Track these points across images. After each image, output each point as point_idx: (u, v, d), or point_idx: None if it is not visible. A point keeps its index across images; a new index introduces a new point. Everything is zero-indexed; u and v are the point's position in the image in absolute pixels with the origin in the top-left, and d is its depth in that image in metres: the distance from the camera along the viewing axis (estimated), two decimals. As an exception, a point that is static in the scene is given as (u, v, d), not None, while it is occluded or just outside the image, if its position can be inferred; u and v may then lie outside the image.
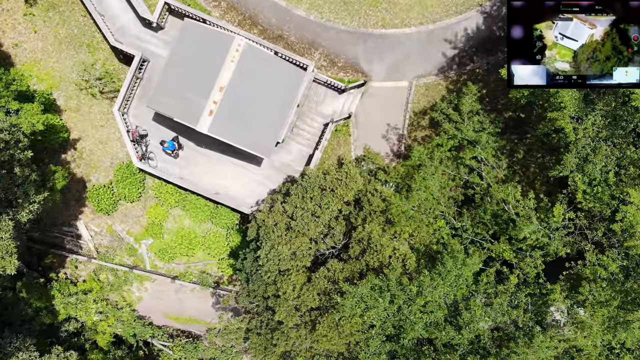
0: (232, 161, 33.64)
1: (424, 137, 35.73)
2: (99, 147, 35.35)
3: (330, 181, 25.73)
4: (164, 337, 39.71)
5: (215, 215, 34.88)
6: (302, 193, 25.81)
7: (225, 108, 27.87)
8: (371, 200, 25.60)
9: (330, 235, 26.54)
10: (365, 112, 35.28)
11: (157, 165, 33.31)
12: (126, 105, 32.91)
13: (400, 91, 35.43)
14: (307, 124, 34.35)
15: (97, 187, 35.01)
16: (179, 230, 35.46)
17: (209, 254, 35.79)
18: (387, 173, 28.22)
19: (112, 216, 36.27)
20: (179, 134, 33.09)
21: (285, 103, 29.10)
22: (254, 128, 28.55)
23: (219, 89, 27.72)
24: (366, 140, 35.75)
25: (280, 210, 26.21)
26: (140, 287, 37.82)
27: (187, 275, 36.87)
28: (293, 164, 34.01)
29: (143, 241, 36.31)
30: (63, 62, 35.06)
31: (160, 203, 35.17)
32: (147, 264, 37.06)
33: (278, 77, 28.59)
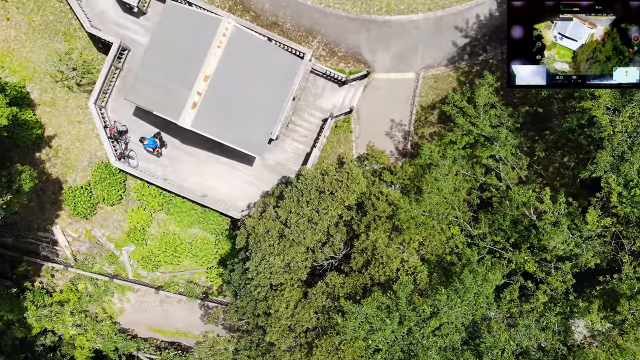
0: (220, 160, 30.51)
1: (433, 134, 32.62)
2: (75, 144, 32.26)
3: (330, 183, 22.54)
4: (151, 349, 36.59)
5: (202, 219, 31.76)
6: (297, 196, 22.62)
7: (211, 100, 24.72)
8: (376, 204, 22.38)
9: (329, 244, 23.39)
10: (368, 107, 32.20)
11: (138, 164, 30.22)
12: (104, 98, 29.83)
13: (407, 83, 32.38)
14: (304, 120, 31.24)
15: (73, 189, 31.90)
16: (163, 236, 32.34)
17: (197, 262, 32.66)
18: (394, 173, 24.92)
19: (91, 220, 33.16)
20: (162, 130, 29.99)
21: (280, 95, 25.96)
22: (244, 123, 25.41)
23: (203, 78, 24.57)
24: (369, 137, 32.63)
25: (272, 216, 23.03)
26: (122, 298, 34.65)
27: (173, 285, 33.72)
28: (288, 164, 30.88)
29: (125, 248, 33.18)
30: (37, 52, 32.01)
31: (143, 206, 32.07)
32: (129, 272, 33.92)
33: (271, 65, 25.45)
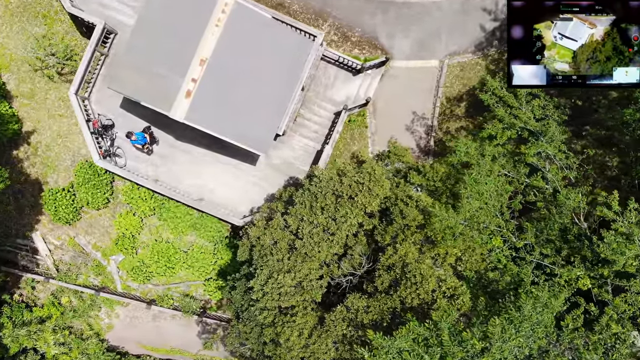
0: (219, 159, 26.88)
1: (459, 129, 28.97)
2: (57, 141, 28.67)
3: (349, 185, 18.90)
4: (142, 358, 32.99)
5: (199, 226, 28.15)
6: (310, 201, 18.98)
7: (208, 88, 21.10)
8: (405, 211, 18.70)
9: (347, 258, 19.78)
10: (385, 99, 28.60)
11: (125, 164, 26.60)
12: (87, 88, 26.21)
13: (429, 72, 28.75)
14: (314, 113, 27.61)
15: (54, 191, 28.30)
16: (155, 244, 28.74)
17: (193, 273, 29.05)
18: (422, 174, 21.22)
19: (75, 226, 29.56)
20: (153, 125, 26.36)
21: (288, 83, 22.32)
22: (246, 115, 21.77)
23: (199, 63, 20.93)
24: (386, 133, 29.02)
25: (280, 225, 19.40)
26: (110, 313, 31.06)
27: (167, 300, 30.13)
28: (297, 163, 27.23)
29: (112, 257, 29.59)
30: (14, 38, 28.42)
31: (133, 211, 28.46)
32: (118, 285, 30.34)
33: (278, 48, 21.80)
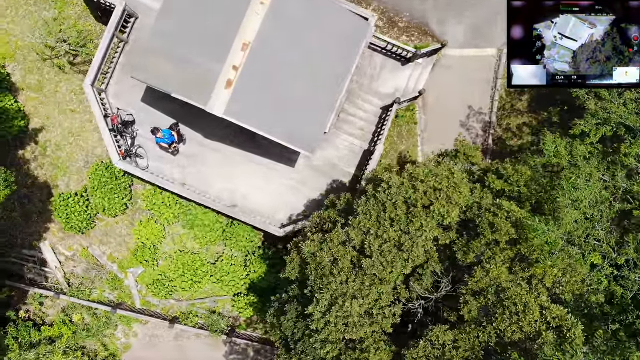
0: (254, 159, 23.76)
1: (521, 126, 25.86)
2: (68, 140, 25.55)
3: (424, 192, 15.79)
4: None
5: (229, 235, 25.03)
6: (377, 211, 15.87)
7: (251, 77, 17.98)
8: (497, 224, 15.54)
9: (418, 278, 16.63)
10: (437, 91, 25.52)
11: (148, 165, 23.48)
12: (104, 80, 23.09)
13: (486, 62, 25.65)
14: (359, 107, 24.48)
15: (65, 197, 25.18)
16: (179, 255, 25.63)
17: (222, 288, 25.95)
18: (505, 179, 17.96)
19: (88, 235, 26.45)
20: (180, 121, 23.24)
21: (339, 71, 19.21)
22: (294, 110, 18.65)
23: (241, 47, 17.81)
24: (438, 130, 25.94)
25: (340, 239, 16.31)
26: (128, 332, 27.96)
27: (191, 317, 27.01)
28: (341, 164, 24.09)
29: (131, 270, 26.49)
30: (21, 23, 25.33)
31: (154, 218, 25.35)
32: (136, 300, 27.23)
33: (330, 31, 18.68)
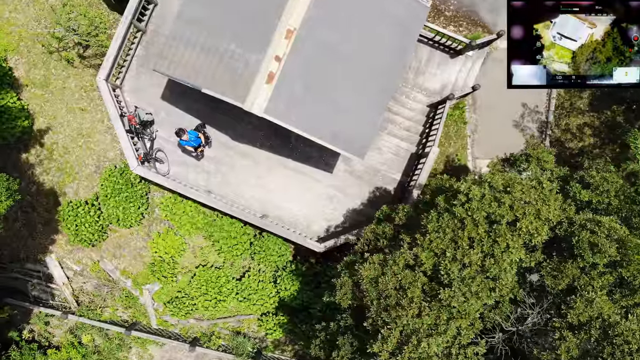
0: (286, 164, 21.14)
1: (582, 126, 23.25)
2: (77, 142, 22.94)
3: (509, 206, 13.13)
4: None
5: (258, 248, 22.40)
6: (452, 229, 13.22)
7: (296, 70, 15.35)
8: (598, 243, 12.88)
9: (494, 306, 13.97)
10: (488, 88, 22.81)
11: (169, 170, 20.87)
12: (119, 74, 20.48)
13: (542, 56, 23.10)
14: (404, 105, 21.87)
15: (74, 205, 22.55)
16: (201, 270, 22.99)
17: (248, 306, 23.31)
18: (592, 187, 15.23)
19: (100, 248, 23.82)
20: (205, 121, 20.62)
21: (394, 63, 16.59)
22: (343, 108, 16.02)
23: (285, 34, 15.22)
24: (490, 130, 23.33)
25: (408, 260, 13.61)
26: (143, 354, 25.31)
27: (214, 339, 24.35)
28: (384, 169, 21.46)
29: (146, 286, 23.85)
30: (24, 11, 22.77)
31: (173, 229, 22.73)
32: (152, 320, 24.58)
33: (385, 16, 16.07)
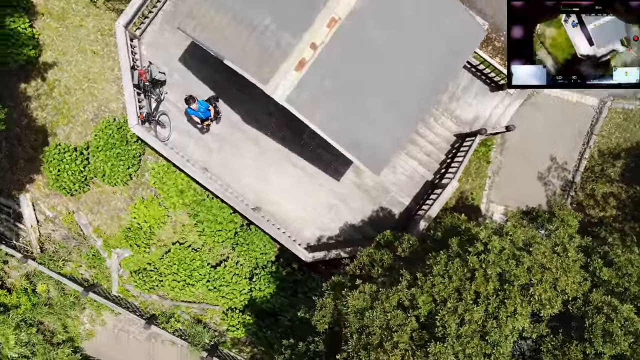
0: (293, 161, 19.74)
1: (607, 196, 21.90)
2: (82, 84, 21.47)
3: (527, 268, 11.77)
4: None
5: (242, 240, 21.00)
6: (460, 277, 11.82)
7: (331, 61, 13.97)
8: (613, 333, 11.52)
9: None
10: (520, 131, 21.48)
11: (169, 137, 19.45)
12: (141, 24, 19.03)
13: (583, 111, 21.77)
14: (431, 128, 20.50)
15: (62, 149, 21.10)
16: (177, 248, 21.57)
17: (217, 297, 21.91)
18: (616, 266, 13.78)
19: (78, 199, 22.38)
20: (220, 95, 19.21)
21: (437, 80, 15.22)
22: (371, 115, 14.63)
23: (327, 22, 13.83)
24: (512, 176, 21.98)
25: (403, 299, 12.17)
26: (95, 318, 23.90)
27: (172, 321, 22.94)
28: (394, 190, 20.06)
29: (116, 250, 22.41)
30: (58, -64, 21.28)
31: (159, 199, 21.31)
32: (114, 286, 23.15)
33: (439, 27, 14.69)
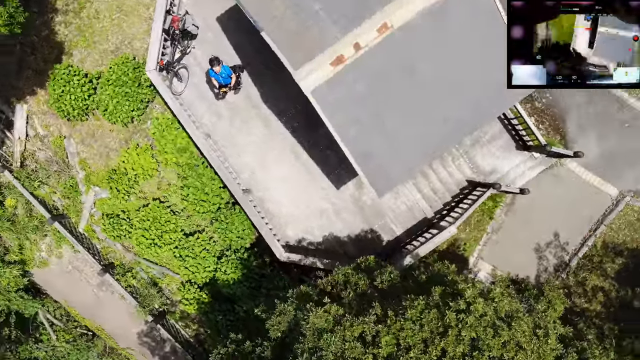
0: (300, 155, 18.91)
1: (597, 289, 21.11)
2: (112, 13, 20.63)
3: (502, 343, 10.98)
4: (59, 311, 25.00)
5: (223, 217, 20.16)
6: (432, 329, 10.97)
7: (369, 67, 13.19)
8: None
9: None
10: (533, 197, 20.70)
11: (182, 92, 18.61)
12: (190, -29, 18.25)
13: (599, 198, 21.02)
14: (444, 166, 19.70)
15: (72, 71, 20.19)
16: (156, 206, 20.73)
17: (179, 266, 21.07)
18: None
19: (73, 126, 21.52)
20: (247, 67, 18.37)
21: (472, 120, 14.42)
22: (392, 133, 13.83)
23: (378, 26, 13.05)
24: (510, 238, 21.19)
25: (368, 332, 11.35)
26: (53, 249, 23.02)
27: (128, 276, 22.08)
28: (390, 216, 19.24)
29: (95, 188, 21.55)
30: None
31: (153, 150, 20.46)
32: (82, 223, 22.29)
33: (491, 68, 13.93)
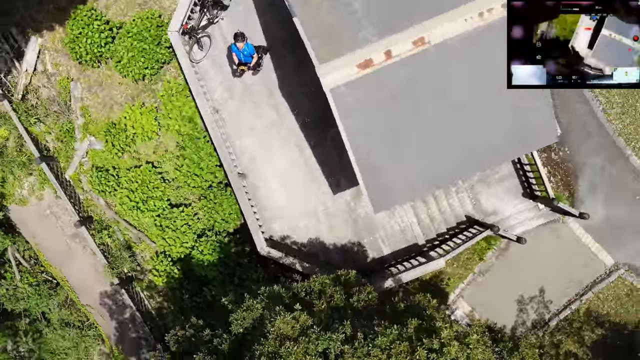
0: (305, 152, 18.32)
1: (569, 355, 20.57)
2: (149, -34, 20.06)
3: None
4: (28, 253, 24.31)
5: (212, 196, 19.57)
6: (402, 359, 10.46)
7: (395, 78, 12.64)
8: None
9: None
10: (527, 247, 20.19)
11: (200, 61, 18.02)
12: (236, -59, 17.67)
13: (593, 264, 20.56)
14: (447, 196, 19.15)
15: (94, 15, 19.53)
16: (147, 169, 20.12)
17: (157, 235, 20.46)
18: None
19: (84, 70, 20.87)
20: (272, 50, 17.80)
21: (488, 155, 13.90)
22: (406, 155, 13.27)
23: (415, 39, 12.49)
24: (495, 285, 20.70)
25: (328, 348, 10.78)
26: (35, 190, 22.37)
27: (104, 233, 21.44)
28: (380, 234, 18.67)
29: (90, 137, 20.93)
30: None
31: (158, 113, 19.86)
32: (70, 169, 21.64)
33: (517, 111, 13.38)
